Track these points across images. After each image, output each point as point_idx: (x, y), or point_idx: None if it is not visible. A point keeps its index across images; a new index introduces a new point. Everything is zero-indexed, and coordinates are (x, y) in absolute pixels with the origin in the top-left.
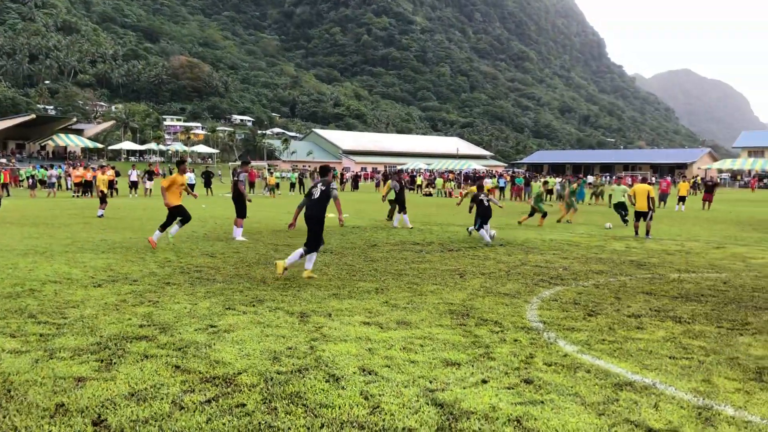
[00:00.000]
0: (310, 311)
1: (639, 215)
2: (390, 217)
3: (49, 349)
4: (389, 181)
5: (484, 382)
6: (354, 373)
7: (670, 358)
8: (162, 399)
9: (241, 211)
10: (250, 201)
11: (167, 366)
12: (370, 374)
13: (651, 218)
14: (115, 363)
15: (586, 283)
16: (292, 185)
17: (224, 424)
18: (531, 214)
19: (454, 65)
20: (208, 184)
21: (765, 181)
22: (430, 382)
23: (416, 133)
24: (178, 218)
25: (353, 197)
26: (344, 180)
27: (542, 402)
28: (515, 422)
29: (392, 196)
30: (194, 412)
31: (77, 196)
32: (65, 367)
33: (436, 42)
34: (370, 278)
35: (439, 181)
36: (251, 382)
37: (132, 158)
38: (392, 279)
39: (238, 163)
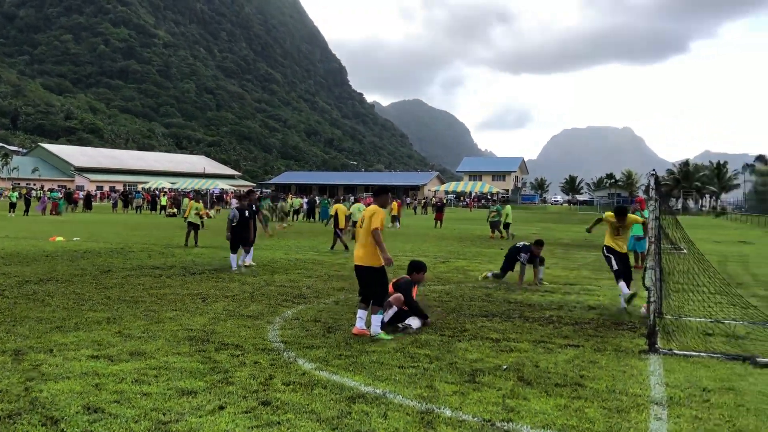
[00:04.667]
0: (26, 348)
1: None
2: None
3: None
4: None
5: (222, 408)
6: (77, 412)
7: (399, 367)
8: None
9: None
10: None
11: None
12: (95, 412)
13: None
14: None
15: (327, 300)
16: (12, 205)
17: None
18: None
19: (200, 82)
20: None
21: (483, 201)
22: (164, 415)
23: (159, 150)
24: None
25: (86, 218)
26: (76, 200)
27: (279, 423)
28: None
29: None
30: None
31: None
32: None
33: (181, 58)
34: (102, 307)
35: (185, 201)
36: None
37: None
38: (127, 307)
39: None
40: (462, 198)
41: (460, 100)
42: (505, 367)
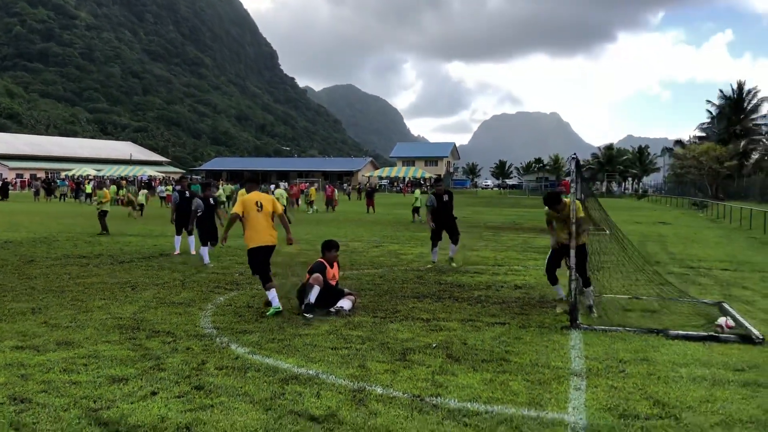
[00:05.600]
0: None
1: None
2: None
3: None
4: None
5: (154, 394)
6: (2, 403)
7: (332, 349)
8: None
9: None
10: None
11: None
12: (22, 402)
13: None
14: None
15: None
16: None
17: None
18: None
19: (125, 66)
20: None
21: (414, 188)
22: (94, 402)
23: (83, 136)
24: None
25: (4, 207)
26: None
27: (212, 406)
28: (185, 429)
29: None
30: None
31: None
32: None
33: (104, 40)
34: (26, 298)
35: (113, 188)
36: None
37: None
38: (53, 296)
39: None
40: (396, 183)
41: (392, 86)
42: (434, 345)
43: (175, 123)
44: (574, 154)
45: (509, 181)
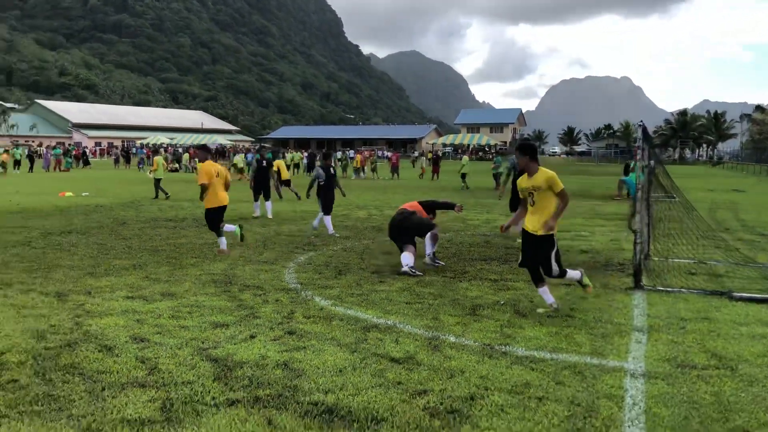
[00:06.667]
0: (66, 291)
1: None
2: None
3: None
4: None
5: (252, 337)
6: (126, 342)
7: (406, 303)
8: None
9: None
10: None
11: None
12: (142, 341)
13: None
14: None
15: (335, 247)
16: (17, 162)
17: None
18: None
19: (195, 36)
20: None
21: (480, 153)
22: (203, 343)
23: (156, 105)
24: None
25: (90, 174)
26: (79, 157)
27: (304, 347)
28: (283, 365)
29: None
30: None
31: None
32: None
33: (174, 10)
34: (126, 256)
35: (185, 156)
36: (19, 360)
37: None
38: (149, 255)
39: None
40: (460, 150)
41: (456, 51)
42: (502, 302)
43: (243, 92)
44: (641, 121)
45: (577, 148)
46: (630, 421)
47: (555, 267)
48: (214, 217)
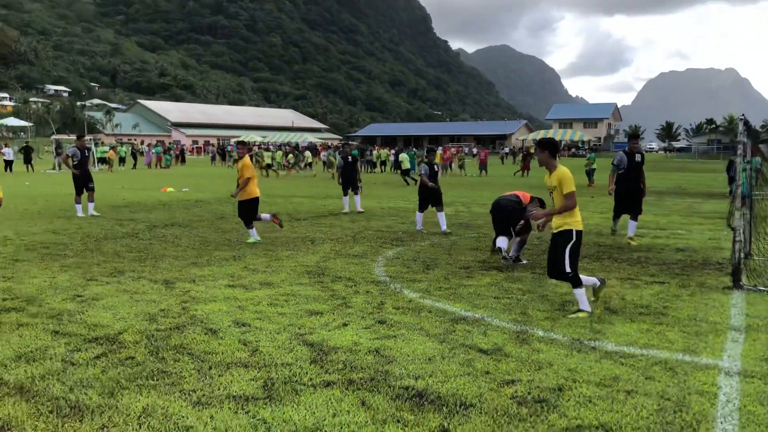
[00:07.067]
0: (173, 279)
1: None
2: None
3: None
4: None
5: (345, 325)
6: (229, 326)
7: (494, 298)
8: (51, 358)
9: (78, 188)
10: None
11: (46, 331)
12: (244, 326)
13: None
14: None
15: (423, 243)
16: (122, 159)
17: (119, 373)
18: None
19: (286, 36)
20: (28, 160)
21: (572, 150)
22: (299, 329)
23: (249, 104)
24: None
25: (188, 171)
26: (177, 154)
27: (395, 336)
28: (375, 352)
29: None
30: (87, 366)
31: None
32: None
33: (266, 11)
34: (226, 248)
35: (278, 153)
36: (134, 339)
37: None
38: (247, 247)
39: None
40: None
41: (548, 45)
42: (592, 299)
43: (332, 90)
44: (742, 115)
45: (676, 144)
46: (723, 417)
47: (567, 264)
48: (252, 208)
